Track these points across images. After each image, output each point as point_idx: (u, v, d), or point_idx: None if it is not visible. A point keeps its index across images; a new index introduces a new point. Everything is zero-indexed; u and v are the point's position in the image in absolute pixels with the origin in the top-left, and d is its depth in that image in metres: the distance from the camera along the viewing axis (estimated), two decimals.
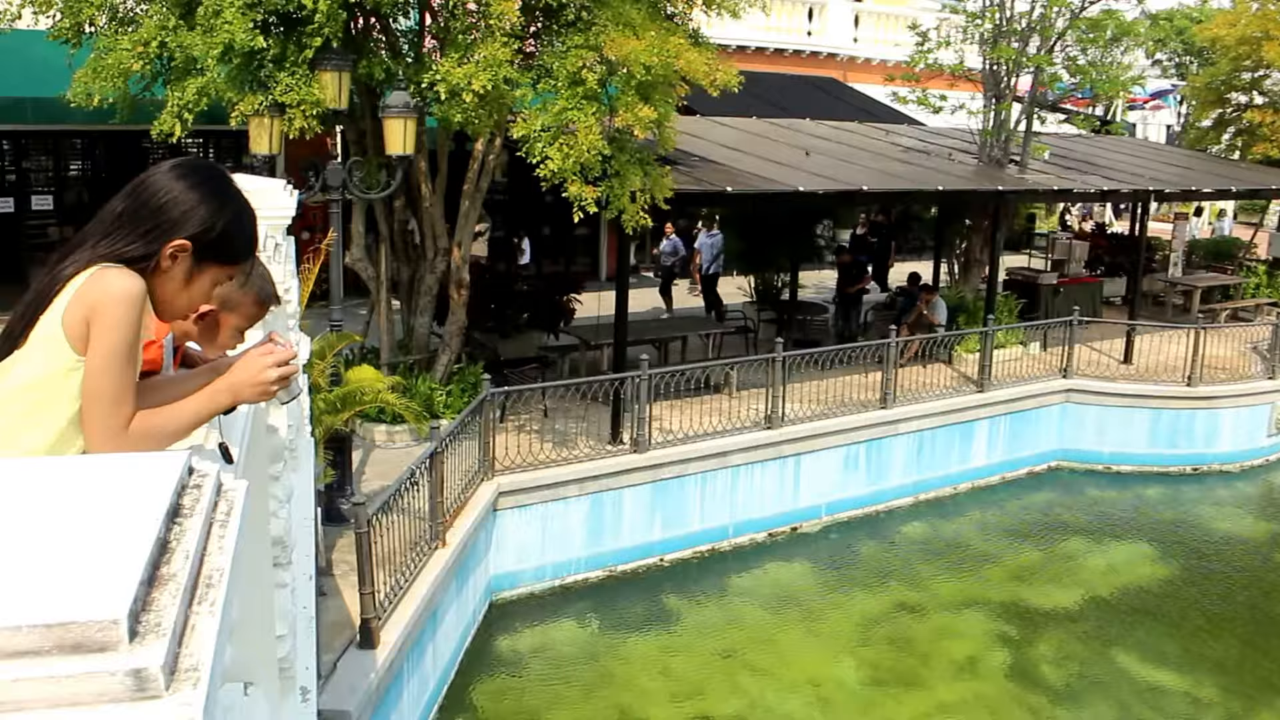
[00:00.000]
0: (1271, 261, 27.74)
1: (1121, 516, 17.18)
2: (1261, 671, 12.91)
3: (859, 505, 16.19)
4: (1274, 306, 24.01)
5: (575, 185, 12.03)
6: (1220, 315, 24.08)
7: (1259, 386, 19.38)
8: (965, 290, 21.45)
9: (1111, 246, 28.23)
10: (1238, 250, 29.45)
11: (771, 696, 11.66)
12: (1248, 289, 26.28)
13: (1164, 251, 27.84)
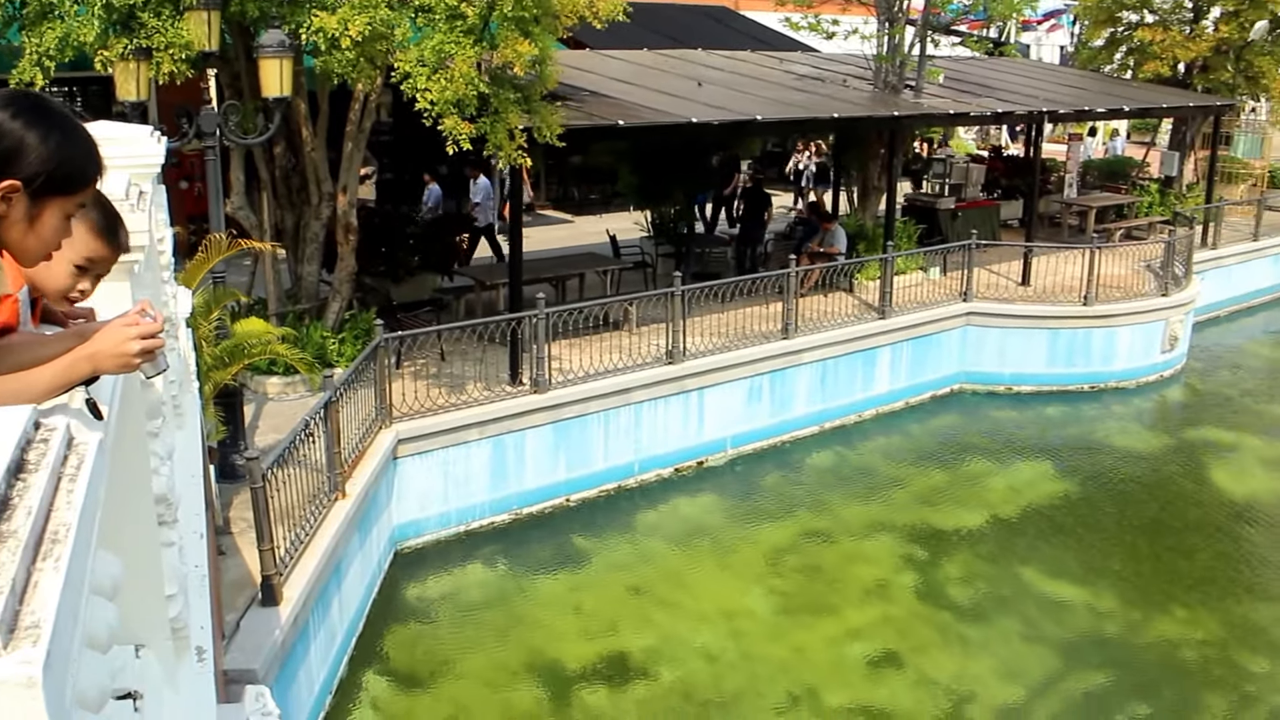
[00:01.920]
0: (1164, 180, 28.21)
1: (1023, 436, 17.47)
2: (1159, 581, 13.24)
3: (764, 437, 16.23)
4: (1166, 224, 24.41)
5: (451, 120, 11.75)
6: (1115, 234, 24.44)
7: (1153, 304, 19.75)
8: (864, 217, 21.50)
9: (1008, 169, 28.49)
10: (1131, 170, 29.93)
11: (684, 629, 11.68)
12: (1141, 208, 26.73)
13: (1059, 173, 28.22)
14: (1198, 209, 24.85)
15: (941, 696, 10.69)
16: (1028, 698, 10.74)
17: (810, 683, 10.81)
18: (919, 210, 22.94)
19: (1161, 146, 31.00)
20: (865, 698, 10.64)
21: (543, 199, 26.83)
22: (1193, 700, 10.89)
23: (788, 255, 17.14)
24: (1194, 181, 28.58)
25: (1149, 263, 21.25)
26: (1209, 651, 11.70)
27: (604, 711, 10.28)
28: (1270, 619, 12.47)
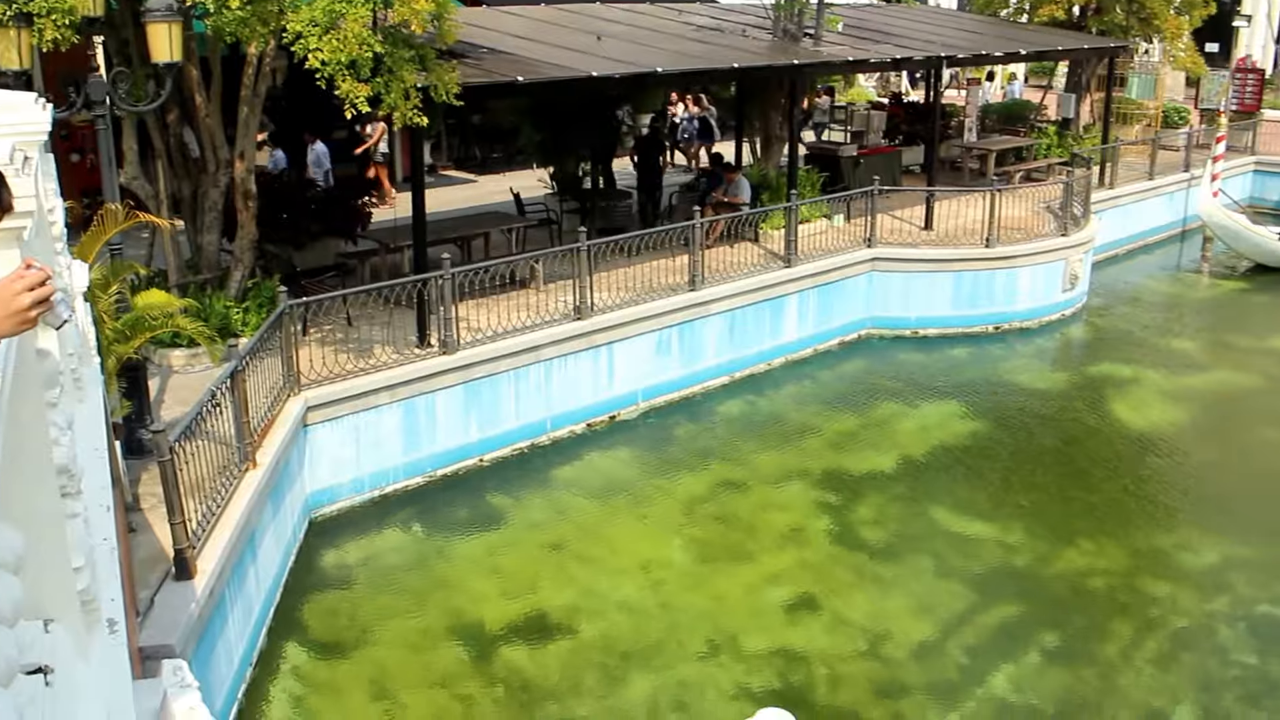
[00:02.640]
0: (1061, 122, 28.71)
1: (930, 378, 17.78)
2: (1064, 514, 13.62)
3: (675, 388, 16.33)
4: (1064, 165, 24.84)
5: (346, 83, 11.56)
6: (1014, 177, 24.83)
7: (1053, 244, 20.16)
8: (768, 167, 21.59)
9: (908, 115, 28.77)
10: (1029, 113, 30.35)
11: (604, 583, 11.77)
12: (1039, 150, 27.17)
13: (959, 118, 28.56)
14: (1094, 150, 25.33)
15: (858, 636, 10.91)
16: (942, 632, 11.00)
17: (730, 629, 10.96)
18: (821, 158, 23.10)
19: (1058, 89, 31.53)
20: (784, 641, 10.82)
21: (444, 159, 26.54)
22: (1100, 626, 11.24)
23: (692, 207, 17.17)
24: (1090, 123, 29.11)
25: (1048, 204, 21.65)
26: (1114, 579, 12.07)
27: (527, 669, 10.34)
28: (1171, 545, 12.91)
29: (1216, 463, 15.33)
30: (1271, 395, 17.82)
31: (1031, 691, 10.16)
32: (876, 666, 10.48)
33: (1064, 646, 10.84)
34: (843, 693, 10.13)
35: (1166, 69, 32.90)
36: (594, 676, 10.25)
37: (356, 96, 11.59)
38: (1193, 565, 12.44)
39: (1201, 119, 31.84)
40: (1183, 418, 16.60)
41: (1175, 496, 14.23)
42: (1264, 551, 12.66)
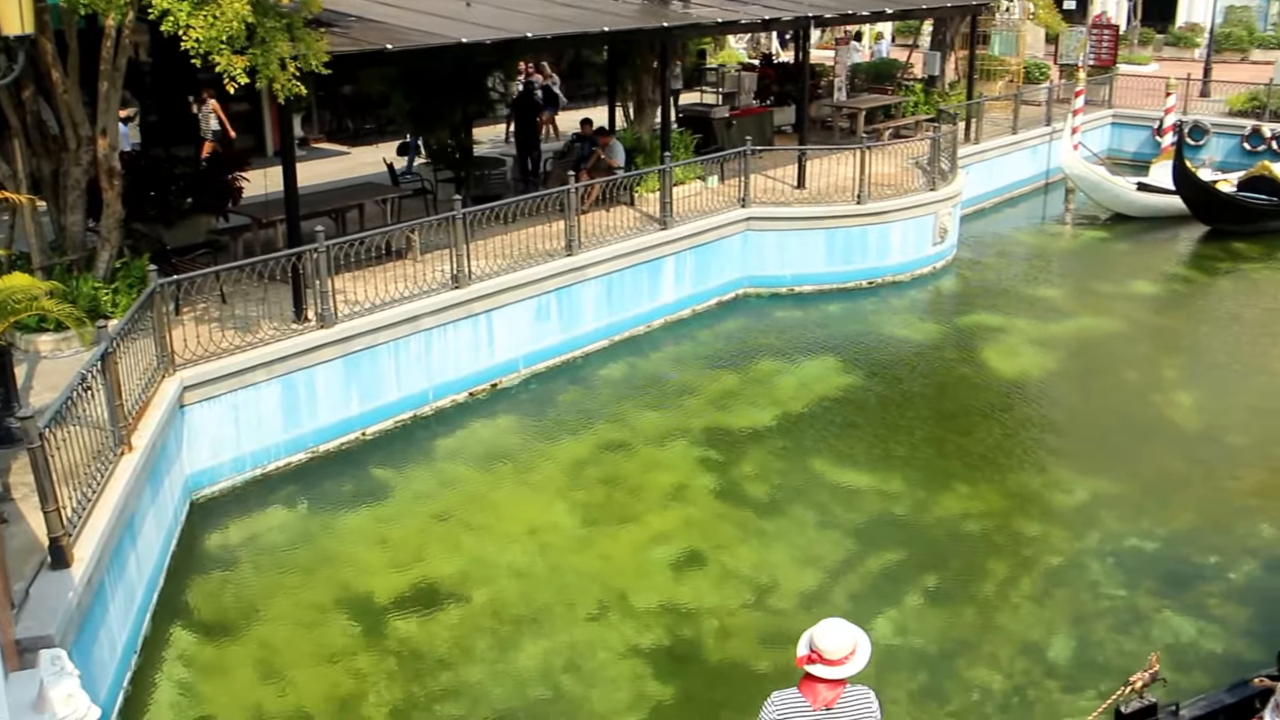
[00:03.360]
0: (927, 80, 29.31)
1: (807, 334, 18.10)
2: (940, 461, 14.00)
3: (556, 354, 16.39)
4: (931, 122, 25.37)
5: (224, 57, 11.33)
6: (884, 134, 25.31)
7: (922, 199, 20.62)
8: (641, 131, 21.67)
9: (779, 76, 29.08)
10: (896, 71, 30.91)
11: (492, 550, 11.79)
12: (907, 107, 27.71)
13: (828, 77, 28.96)
14: (960, 106, 25.89)
15: (745, 589, 11.11)
16: (827, 581, 11.25)
17: (619, 588, 11.08)
18: (694, 120, 23.25)
19: (924, 48, 32.11)
20: (672, 597, 10.97)
21: (315, 132, 26.08)
22: (978, 568, 11.60)
23: (567, 172, 17.17)
24: (955, 80, 29.74)
25: (917, 159, 22.13)
26: (990, 522, 12.47)
27: (418, 639, 10.33)
28: (1042, 486, 13.37)
29: (1083, 405, 15.91)
30: (1133, 338, 18.55)
31: (914, 634, 10.46)
32: (764, 617, 10.69)
33: (944, 588, 11.18)
34: (732, 645, 10.31)
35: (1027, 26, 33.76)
36: (486, 642, 10.28)
37: (235, 70, 11.35)
38: (1064, 504, 12.91)
39: (1061, 74, 32.77)
40: (1050, 363, 17.19)
41: (1046, 439, 14.73)
42: (1130, 488, 13.20)
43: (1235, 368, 17.26)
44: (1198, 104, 32.53)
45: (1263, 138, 29.71)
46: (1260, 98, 31.13)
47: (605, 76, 25.46)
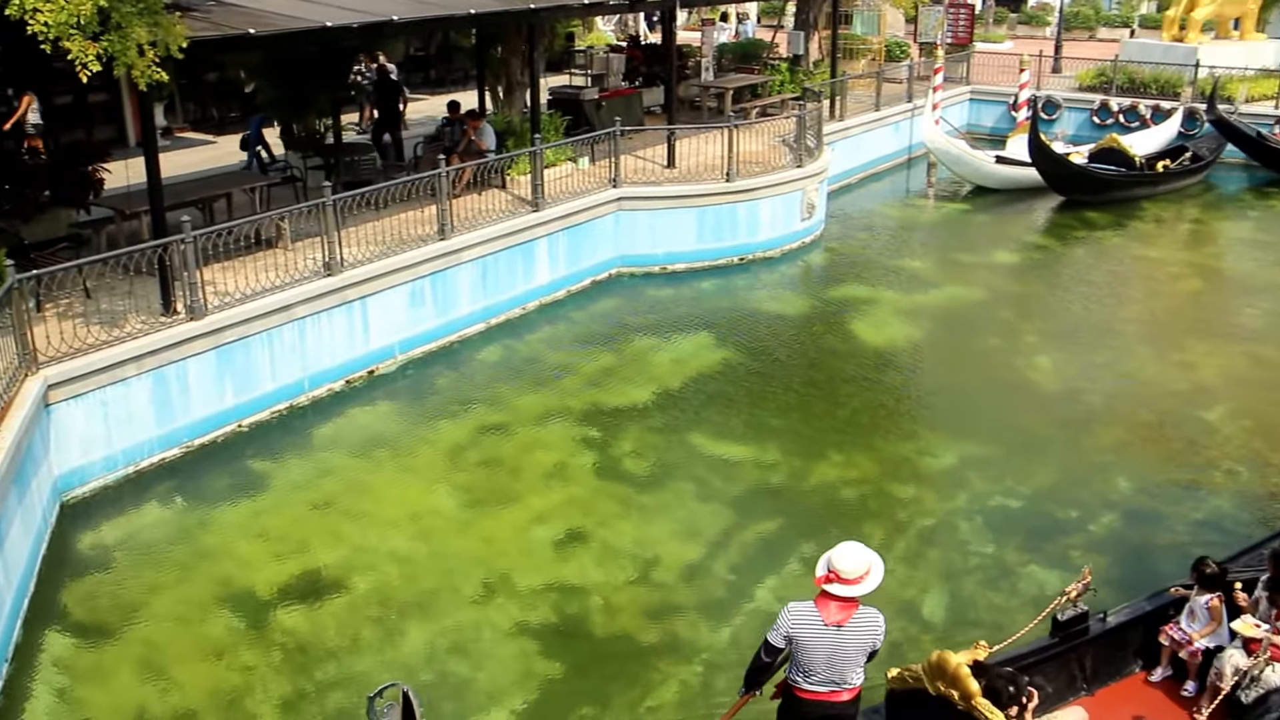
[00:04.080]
0: (792, 59, 29.76)
1: (681, 312, 18.31)
2: (815, 430, 14.33)
3: (432, 339, 16.33)
4: (797, 100, 25.76)
5: (75, 43, 10.97)
6: (751, 113, 25.62)
7: (790, 175, 20.98)
8: (511, 113, 21.63)
9: (647, 57, 29.23)
10: (762, 51, 31.31)
11: (374, 537, 11.73)
12: (773, 86, 28.09)
13: (696, 58, 29.21)
14: (824, 84, 26.40)
15: (628, 564, 11.26)
16: (708, 552, 11.45)
17: (503, 570, 11.13)
18: (564, 103, 23.27)
19: (788, 28, 32.56)
20: (557, 576, 11.06)
21: (179, 121, 25.43)
22: (854, 532, 11.80)
23: (438, 156, 17.08)
24: (819, 59, 30.25)
25: (783, 137, 22.49)
26: (864, 488, 12.81)
27: (303, 630, 10.25)
28: (912, 451, 13.77)
29: (949, 371, 16.41)
30: (995, 306, 19.17)
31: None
32: (648, 591, 10.85)
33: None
34: (618, 620, 10.44)
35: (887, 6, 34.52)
36: (371, 631, 10.24)
37: (88, 57, 11.02)
38: (933, 468, 13.33)
39: (920, 52, 33.56)
40: (918, 332, 17.68)
41: (915, 406, 15.17)
42: (995, 449, 13.68)
43: (1089, 330, 17.97)
44: (1050, 80, 33.72)
45: (1110, 111, 30.95)
46: (1107, 73, 32.39)
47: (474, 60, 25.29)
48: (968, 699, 7.11)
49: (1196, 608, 8.68)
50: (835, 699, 6.93)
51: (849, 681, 6.91)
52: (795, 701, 7.04)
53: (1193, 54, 31.85)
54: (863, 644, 6.85)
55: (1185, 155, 27.87)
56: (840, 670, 6.85)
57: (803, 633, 6.80)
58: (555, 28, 30.30)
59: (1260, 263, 22.31)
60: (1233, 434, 14.21)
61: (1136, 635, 8.95)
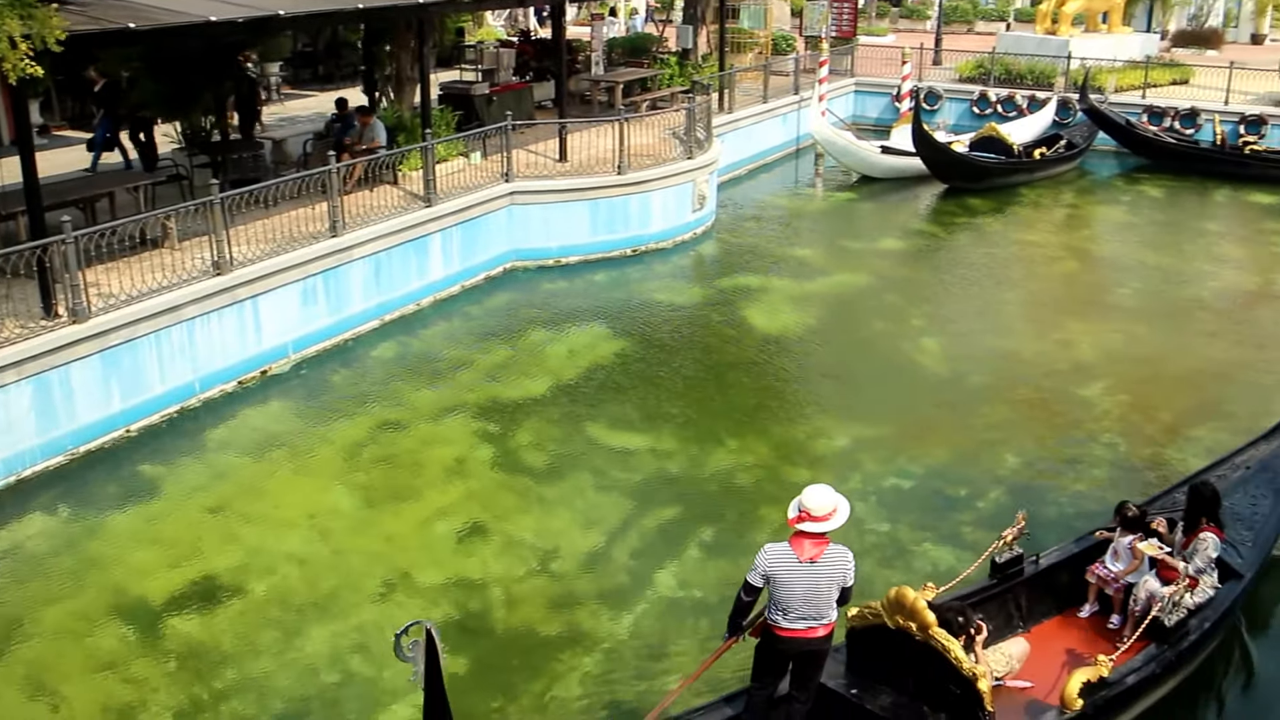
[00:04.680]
0: (681, 53, 29.95)
1: (576, 304, 18.37)
2: (711, 418, 14.47)
3: (326, 337, 16.16)
4: (686, 93, 25.95)
5: None
6: (641, 106, 25.72)
7: (681, 167, 21.16)
8: (402, 109, 21.45)
9: (537, 52, 29.18)
10: (651, 45, 31.45)
11: (271, 539, 11.58)
12: (663, 80, 28.24)
13: (586, 52, 29.23)
14: (713, 77, 26.63)
15: (529, 555, 11.27)
16: (608, 541, 11.52)
17: (404, 567, 11.07)
18: (455, 98, 23.14)
19: (677, 22, 32.77)
20: (459, 571, 11.04)
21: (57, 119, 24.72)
22: (752, 516, 12.08)
23: (327, 153, 16.88)
24: (708, 52, 30.49)
25: (674, 130, 22.65)
26: (760, 472, 12.99)
27: (199, 637, 10.06)
28: (806, 435, 14.01)
29: (841, 356, 16.71)
30: (882, 291, 19.55)
31: (695, 585, 10.83)
32: (549, 583, 10.88)
33: (721, 539, 11.59)
34: (520, 612, 10.46)
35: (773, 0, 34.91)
36: (271, 634, 10.11)
37: None
38: (827, 450, 13.57)
39: (806, 46, 34.01)
40: (808, 319, 17.95)
41: (808, 390, 15.42)
42: (886, 431, 13.97)
43: (973, 312, 18.47)
44: (931, 72, 34.45)
45: (989, 101, 31.77)
46: (985, 65, 33.26)
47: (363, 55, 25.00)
48: (925, 630, 7.73)
49: (1119, 548, 9.50)
50: (812, 635, 7.47)
51: (824, 617, 7.43)
52: (774, 640, 7.56)
53: (1065, 46, 32.87)
54: (835, 578, 7.35)
55: (1060, 143, 28.82)
56: (816, 605, 7.36)
57: (779, 570, 7.30)
58: (445, 22, 30.15)
59: (1131, 244, 23.13)
60: (1110, 408, 14.74)
61: (1066, 575, 9.72)
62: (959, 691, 7.69)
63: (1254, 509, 10.27)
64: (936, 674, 7.76)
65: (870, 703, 8.06)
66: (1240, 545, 9.71)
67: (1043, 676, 8.67)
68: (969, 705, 7.65)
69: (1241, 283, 20.61)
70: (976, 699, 7.61)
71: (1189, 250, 22.67)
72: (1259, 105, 29.91)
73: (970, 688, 7.62)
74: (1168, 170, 28.65)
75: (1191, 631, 8.80)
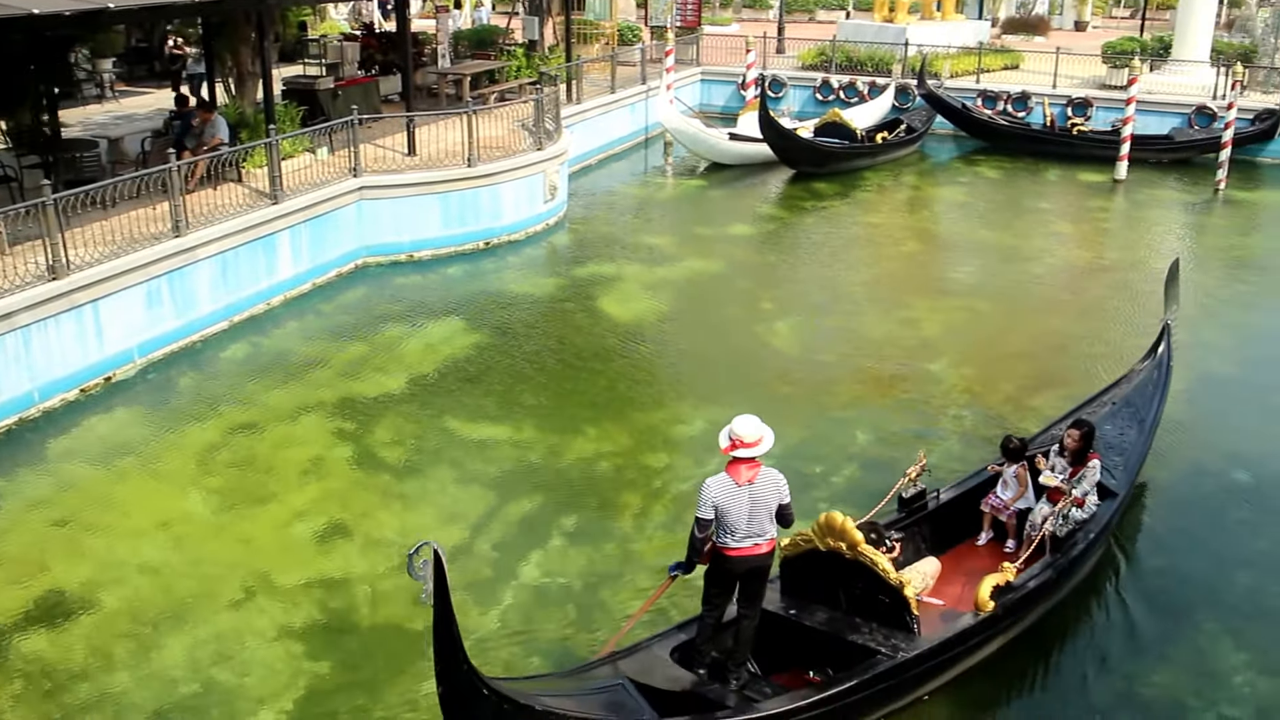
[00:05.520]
0: (528, 44, 29.89)
1: (430, 298, 18.24)
2: (569, 407, 14.54)
3: (173, 340, 15.73)
4: (534, 85, 25.89)
5: None
6: (489, 98, 25.60)
7: (531, 159, 21.16)
8: (244, 105, 20.98)
9: (382, 45, 28.79)
10: (497, 37, 31.31)
11: (122, 550, 11.25)
12: (510, 71, 28.16)
13: (432, 45, 28.98)
14: (560, 68, 26.68)
15: (391, 552, 11.18)
16: (471, 534, 11.50)
17: (263, 570, 10.88)
18: (299, 93, 22.71)
19: (523, 13, 32.69)
20: (320, 571, 10.90)
21: None
22: (614, 502, 12.19)
23: (167, 151, 16.42)
24: (554, 44, 30.49)
25: (523, 121, 22.61)
26: (619, 459, 13.10)
27: (48, 655, 9.71)
28: (663, 420, 14.18)
29: (695, 341, 16.91)
30: (734, 276, 19.89)
31: (560, 574, 10.89)
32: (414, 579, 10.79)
33: (583, 527, 11.67)
34: (384, 610, 10.37)
35: None
36: (125, 647, 9.83)
37: None
38: (684, 434, 13.75)
39: (652, 35, 34.31)
40: (662, 305, 18.16)
41: (664, 376, 15.60)
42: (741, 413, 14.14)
43: (822, 294, 18.91)
44: (775, 60, 35.11)
45: (832, 88, 32.51)
46: (827, 52, 34.01)
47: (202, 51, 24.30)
48: (853, 547, 8.73)
49: (1008, 478, 10.66)
50: (756, 551, 8.24)
51: (766, 533, 8.23)
52: (724, 560, 8.30)
53: (902, 34, 33.78)
54: (771, 496, 8.17)
55: (901, 127, 29.67)
56: (759, 523, 8.17)
57: (723, 498, 8.06)
58: (286, 16, 29.52)
59: (971, 224, 23.99)
60: (956, 382, 15.27)
61: (963, 508, 10.87)
62: (887, 600, 8.72)
63: (1122, 438, 11.65)
64: (865, 587, 8.79)
65: (808, 619, 8.97)
66: (1114, 469, 10.97)
67: (953, 592, 9.71)
68: (896, 610, 8.72)
69: (1072, 258, 21.53)
70: (903, 604, 8.68)
71: (1024, 228, 23.57)
72: (1084, 89, 31.23)
73: (897, 594, 8.67)
74: (1002, 151, 29.72)
75: (1080, 542, 9.97)
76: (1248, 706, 9.28)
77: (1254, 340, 17.36)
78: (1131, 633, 10.17)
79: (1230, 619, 10.31)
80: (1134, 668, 9.67)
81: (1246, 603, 10.59)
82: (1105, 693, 9.40)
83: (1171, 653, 9.89)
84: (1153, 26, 42.65)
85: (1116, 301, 18.76)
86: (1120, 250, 22.17)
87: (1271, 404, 14.80)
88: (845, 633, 8.79)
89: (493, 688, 6.94)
